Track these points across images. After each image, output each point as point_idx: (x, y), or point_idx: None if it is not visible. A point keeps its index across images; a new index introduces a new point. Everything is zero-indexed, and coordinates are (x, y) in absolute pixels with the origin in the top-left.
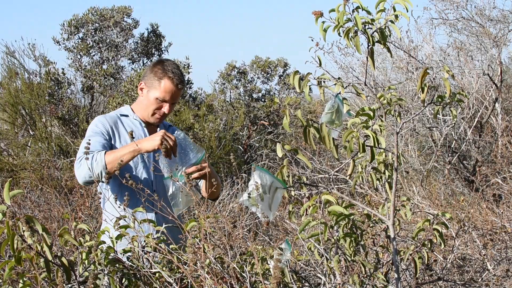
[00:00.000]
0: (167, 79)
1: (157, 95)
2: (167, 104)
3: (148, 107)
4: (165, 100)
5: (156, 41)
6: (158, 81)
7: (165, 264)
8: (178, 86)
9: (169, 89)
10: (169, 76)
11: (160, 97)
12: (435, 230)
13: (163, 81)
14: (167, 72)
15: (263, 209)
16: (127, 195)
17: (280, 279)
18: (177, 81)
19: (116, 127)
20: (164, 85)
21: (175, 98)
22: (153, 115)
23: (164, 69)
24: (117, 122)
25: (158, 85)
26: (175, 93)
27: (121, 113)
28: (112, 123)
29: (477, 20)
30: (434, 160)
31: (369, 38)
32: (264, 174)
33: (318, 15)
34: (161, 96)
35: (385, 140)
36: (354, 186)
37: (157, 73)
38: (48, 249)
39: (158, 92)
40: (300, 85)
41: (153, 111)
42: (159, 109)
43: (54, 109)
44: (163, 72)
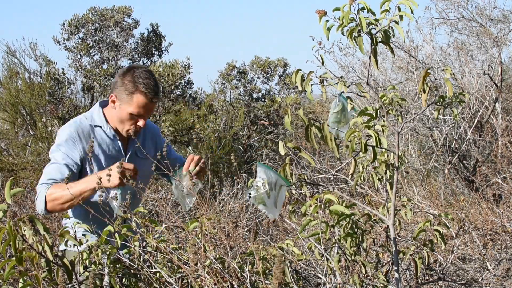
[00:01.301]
0: (139, 94)
1: (130, 110)
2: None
3: (121, 123)
4: (140, 115)
5: (156, 41)
6: (130, 96)
7: (165, 264)
8: (153, 100)
9: (143, 104)
10: (141, 91)
11: (135, 113)
12: (435, 231)
13: (135, 96)
14: (139, 85)
15: (270, 206)
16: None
17: (281, 279)
18: (150, 94)
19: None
20: (137, 100)
21: (150, 111)
22: (128, 130)
23: (135, 82)
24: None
25: (130, 100)
26: (150, 106)
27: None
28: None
29: (478, 20)
30: (434, 160)
31: (372, 39)
32: (269, 171)
33: (322, 14)
34: (135, 111)
35: (386, 139)
36: (355, 185)
37: (128, 86)
38: (49, 249)
39: (132, 108)
40: (302, 84)
41: (128, 127)
42: (133, 123)
43: (54, 109)
44: (134, 85)
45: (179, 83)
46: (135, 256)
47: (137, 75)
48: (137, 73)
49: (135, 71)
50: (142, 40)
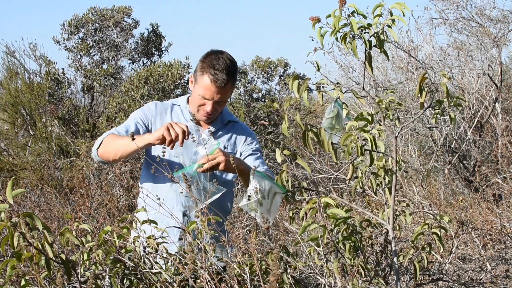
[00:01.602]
0: (207, 75)
1: (199, 91)
2: (210, 102)
3: (193, 103)
4: (205, 98)
5: (156, 41)
6: (201, 76)
7: (168, 267)
8: (217, 84)
9: (208, 87)
10: (210, 73)
11: (201, 94)
12: (434, 234)
13: (204, 77)
14: (210, 67)
15: (263, 214)
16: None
17: (278, 277)
18: (216, 78)
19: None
20: (205, 82)
21: (218, 97)
22: (198, 111)
23: (208, 64)
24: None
25: (200, 81)
26: (215, 91)
27: (175, 102)
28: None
29: (477, 20)
30: (434, 160)
31: (366, 43)
32: (263, 179)
33: (315, 21)
34: (201, 93)
35: (385, 141)
36: (354, 191)
37: (202, 67)
38: (49, 246)
39: (200, 89)
40: (299, 91)
41: (197, 108)
42: (202, 105)
43: (54, 109)
44: (207, 67)
45: (178, 83)
46: (136, 257)
47: (214, 57)
48: (216, 56)
49: (213, 54)
50: (142, 40)
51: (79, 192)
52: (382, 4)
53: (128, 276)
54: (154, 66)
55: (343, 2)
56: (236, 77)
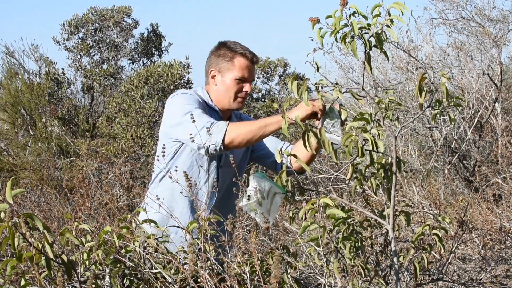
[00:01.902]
0: (239, 56)
1: (235, 75)
2: (248, 83)
3: (228, 92)
4: (244, 79)
5: (156, 41)
6: (231, 62)
7: (166, 266)
8: (253, 60)
9: (245, 65)
10: (240, 53)
11: (239, 76)
12: (434, 235)
13: (236, 60)
14: (237, 49)
15: (263, 214)
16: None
17: (280, 279)
18: (250, 54)
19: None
20: (239, 63)
21: (253, 74)
22: (235, 99)
23: (232, 48)
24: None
25: (232, 66)
26: (251, 68)
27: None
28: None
29: (477, 20)
30: (434, 160)
31: (365, 43)
32: (263, 180)
33: (314, 22)
34: (239, 75)
35: (384, 141)
36: (354, 191)
37: (225, 54)
38: (49, 246)
39: (235, 72)
40: (298, 91)
41: (235, 95)
42: (240, 90)
43: (54, 109)
44: (232, 51)
45: (178, 83)
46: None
47: (230, 44)
48: (229, 43)
49: (226, 42)
50: (142, 40)
51: (79, 192)
52: (380, 4)
53: (128, 276)
54: (154, 66)
55: (345, 3)
56: None
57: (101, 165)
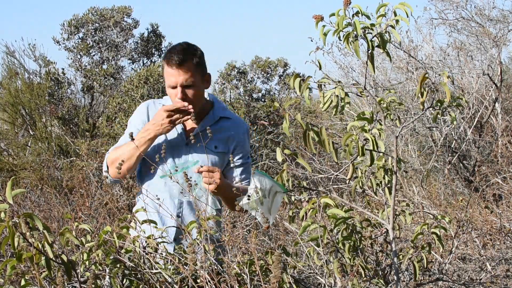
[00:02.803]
0: (165, 64)
1: (167, 83)
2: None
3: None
4: (173, 86)
5: (156, 41)
6: (164, 69)
7: (167, 266)
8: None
9: (170, 73)
10: (166, 59)
11: (168, 84)
12: (433, 234)
13: (165, 68)
14: (166, 55)
15: (264, 212)
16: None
17: (280, 278)
18: (173, 60)
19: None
20: (166, 71)
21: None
22: None
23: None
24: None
25: (164, 73)
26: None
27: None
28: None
29: (477, 20)
30: (434, 160)
31: (368, 43)
32: (264, 178)
33: (318, 19)
34: (168, 83)
35: (385, 141)
36: (354, 191)
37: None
38: (49, 246)
39: (166, 80)
40: (300, 89)
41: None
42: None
43: (54, 109)
44: (164, 59)
45: None
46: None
47: (169, 50)
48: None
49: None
50: (142, 40)
51: (79, 192)
52: (386, 4)
53: (128, 276)
54: (154, 66)
55: (348, 2)
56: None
57: (101, 165)
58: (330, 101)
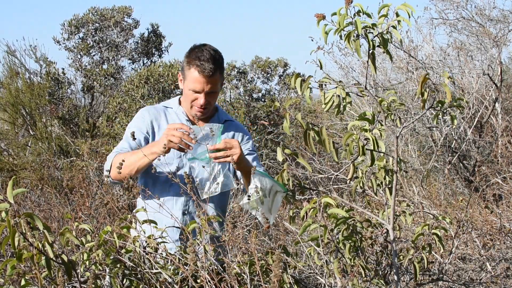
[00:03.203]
0: (194, 67)
1: (189, 86)
2: (202, 95)
3: (185, 100)
4: (197, 91)
5: (156, 41)
6: (188, 71)
7: (165, 265)
8: (205, 73)
9: (197, 79)
10: (196, 64)
11: (191, 88)
12: (434, 234)
13: (191, 71)
14: (195, 59)
15: (263, 212)
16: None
17: (280, 277)
18: (204, 68)
19: (158, 120)
20: (193, 74)
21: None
22: (192, 108)
23: (193, 57)
24: (160, 115)
25: (189, 75)
26: (205, 82)
27: (167, 105)
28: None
29: (477, 20)
30: (434, 160)
31: (369, 43)
32: (264, 178)
33: (320, 18)
34: (192, 86)
35: (385, 140)
36: (355, 191)
37: (187, 61)
38: (50, 246)
39: (190, 83)
40: (301, 88)
41: (191, 104)
42: (195, 100)
43: (54, 109)
44: (192, 60)
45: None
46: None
47: (198, 50)
48: (199, 49)
49: (197, 47)
50: (142, 40)
51: (79, 192)
52: (388, 4)
53: (128, 276)
54: (155, 66)
55: (350, 1)
56: (223, 66)
57: (101, 165)
58: (332, 101)
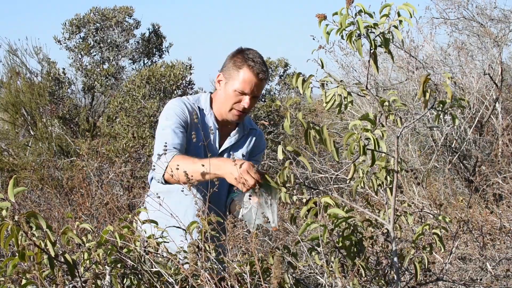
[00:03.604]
0: (246, 68)
1: (236, 86)
2: (247, 97)
3: (226, 101)
4: (244, 93)
5: (157, 41)
6: (237, 71)
7: (166, 265)
8: (259, 76)
9: (249, 79)
10: (249, 65)
11: (239, 89)
12: (435, 234)
13: (242, 71)
14: (247, 60)
15: (266, 218)
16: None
17: (280, 279)
18: (258, 70)
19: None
20: (243, 75)
21: (256, 91)
22: (231, 111)
23: (244, 58)
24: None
25: (237, 75)
26: (256, 84)
27: (200, 105)
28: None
29: (478, 20)
30: (434, 160)
31: (371, 42)
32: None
33: (321, 18)
34: (240, 87)
35: (386, 141)
36: (355, 191)
37: (236, 62)
38: (52, 245)
39: (237, 83)
40: (303, 87)
41: (231, 106)
42: (238, 103)
43: (54, 109)
44: (243, 60)
45: (180, 83)
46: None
47: (247, 52)
48: (248, 52)
49: (245, 50)
50: (143, 40)
51: (79, 192)
52: (390, 4)
53: (129, 275)
54: (156, 66)
55: (351, 1)
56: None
57: (101, 165)
58: (333, 100)
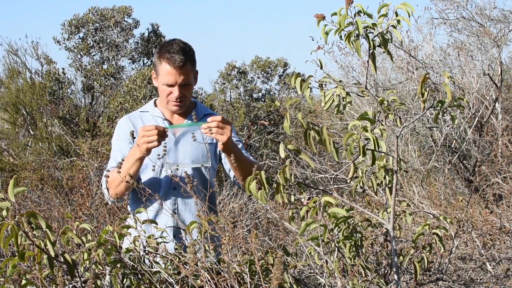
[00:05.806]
0: (165, 61)
1: (162, 81)
2: (176, 88)
3: (161, 96)
4: (170, 84)
5: (156, 41)
6: (159, 65)
7: (167, 266)
8: (178, 65)
9: (169, 72)
10: (166, 57)
11: (165, 82)
12: (434, 234)
13: (162, 65)
14: (165, 53)
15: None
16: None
17: (281, 280)
18: (175, 59)
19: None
20: (164, 68)
21: (182, 80)
22: (168, 103)
23: (162, 51)
24: (137, 122)
25: (161, 70)
26: (177, 73)
27: (142, 110)
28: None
29: (478, 20)
30: (434, 160)
31: (370, 43)
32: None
33: (320, 18)
34: (164, 80)
35: (385, 141)
36: (355, 190)
37: (157, 57)
38: (51, 245)
39: (162, 77)
40: (301, 88)
41: (166, 99)
42: (170, 94)
43: (54, 109)
44: (161, 54)
45: None
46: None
47: (167, 45)
48: (168, 43)
49: (165, 43)
50: (143, 40)
51: (79, 192)
52: (387, 4)
53: (129, 275)
54: None
55: (350, 1)
56: (194, 58)
57: (101, 165)
58: (332, 100)
